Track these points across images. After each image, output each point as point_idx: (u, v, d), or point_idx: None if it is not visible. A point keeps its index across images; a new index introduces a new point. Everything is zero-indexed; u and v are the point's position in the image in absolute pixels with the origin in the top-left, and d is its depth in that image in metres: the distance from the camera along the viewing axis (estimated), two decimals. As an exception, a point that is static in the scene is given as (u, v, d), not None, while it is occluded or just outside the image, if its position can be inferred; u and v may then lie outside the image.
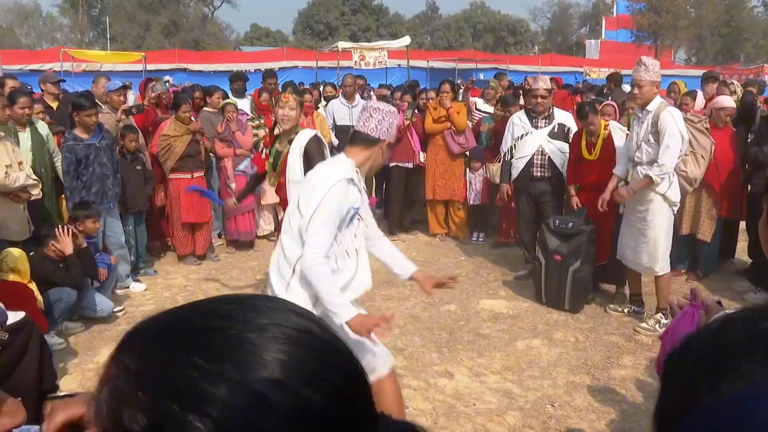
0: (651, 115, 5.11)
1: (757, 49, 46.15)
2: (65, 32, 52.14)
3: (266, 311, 0.66)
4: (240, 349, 0.61)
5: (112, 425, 0.61)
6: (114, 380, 0.63)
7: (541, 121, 6.54)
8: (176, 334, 0.65)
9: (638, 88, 5.12)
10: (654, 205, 5.27)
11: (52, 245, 5.18)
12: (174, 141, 7.05)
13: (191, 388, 0.58)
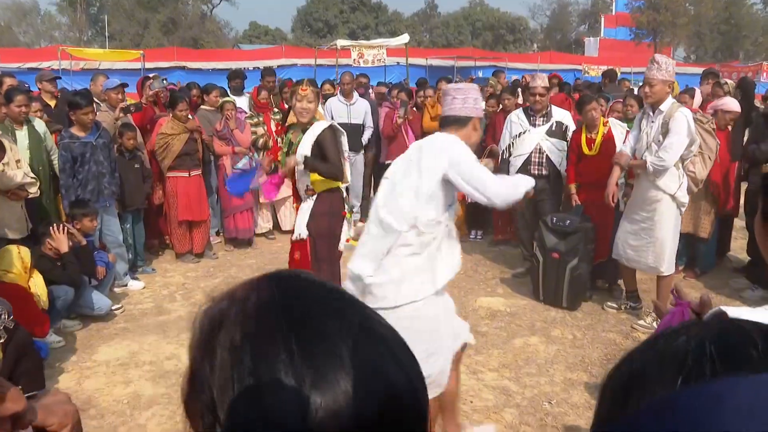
0: (663, 116, 5.06)
1: (756, 46, 46.15)
2: (63, 30, 52.11)
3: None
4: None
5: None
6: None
7: (539, 119, 6.54)
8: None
9: (650, 87, 5.05)
10: (662, 206, 5.23)
11: (48, 243, 5.18)
12: (171, 139, 7.05)
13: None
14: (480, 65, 30.13)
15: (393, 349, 0.65)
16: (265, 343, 0.61)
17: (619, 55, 35.58)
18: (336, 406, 0.58)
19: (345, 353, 0.61)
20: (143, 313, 5.90)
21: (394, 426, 0.61)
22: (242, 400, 0.60)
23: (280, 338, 0.61)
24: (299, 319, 0.63)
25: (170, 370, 4.74)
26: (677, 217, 5.33)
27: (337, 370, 0.59)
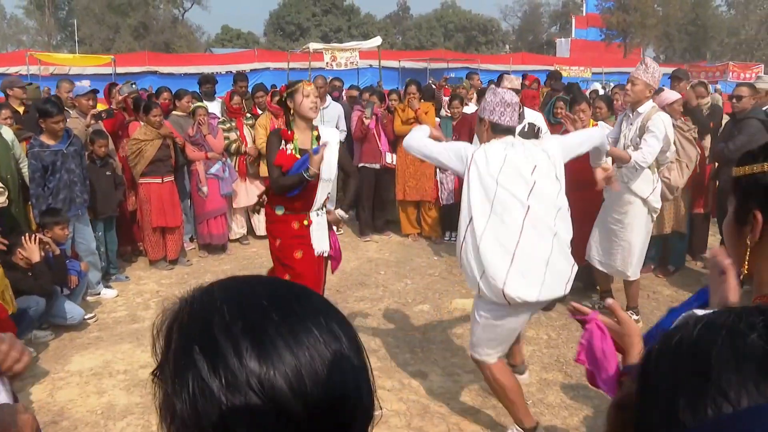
0: (641, 118, 5.09)
1: (723, 46, 46.89)
2: (31, 34, 51.32)
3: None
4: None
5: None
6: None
7: None
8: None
9: (631, 85, 5.09)
10: (634, 209, 5.27)
11: (20, 253, 5.11)
12: (144, 145, 6.99)
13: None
14: (452, 67, 30.22)
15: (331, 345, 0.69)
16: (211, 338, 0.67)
17: (590, 56, 35.98)
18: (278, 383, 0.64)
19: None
20: (117, 322, 5.85)
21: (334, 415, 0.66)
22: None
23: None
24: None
25: (145, 378, 4.70)
26: (648, 223, 5.37)
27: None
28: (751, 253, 1.39)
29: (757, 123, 6.30)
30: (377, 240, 8.47)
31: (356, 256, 7.83)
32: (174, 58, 29.97)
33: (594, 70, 29.60)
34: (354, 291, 6.58)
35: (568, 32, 50.84)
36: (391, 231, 8.71)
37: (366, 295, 6.41)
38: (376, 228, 8.68)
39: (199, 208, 7.81)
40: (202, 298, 0.72)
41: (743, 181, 1.38)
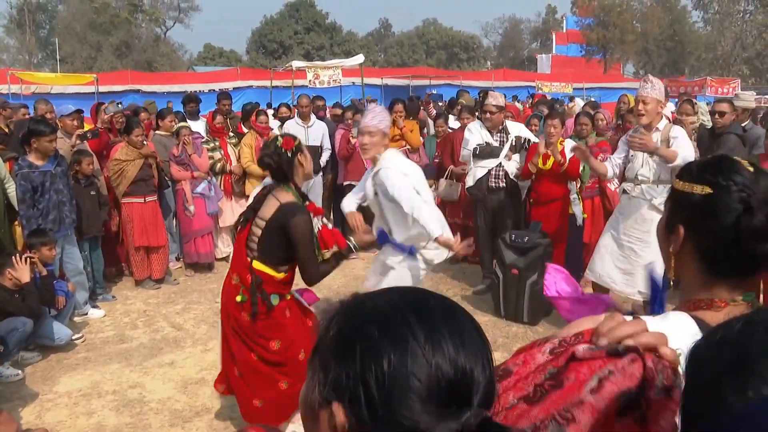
0: (659, 134, 5.04)
1: (700, 62, 47.53)
2: (12, 53, 51.10)
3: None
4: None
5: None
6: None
7: (496, 135, 6.67)
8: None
9: (644, 104, 5.00)
10: (651, 224, 5.02)
11: (9, 273, 5.10)
12: (126, 165, 7.01)
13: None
14: (435, 83, 30.43)
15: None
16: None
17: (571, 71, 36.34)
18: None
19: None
20: (104, 342, 5.83)
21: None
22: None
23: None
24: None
25: (134, 398, 4.70)
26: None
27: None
28: (676, 259, 1.48)
29: (735, 138, 6.41)
30: (363, 257, 8.50)
31: (342, 273, 7.86)
32: (157, 77, 29.94)
33: (575, 85, 29.90)
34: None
35: (548, 48, 51.41)
36: (377, 249, 8.73)
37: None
38: (362, 245, 8.73)
39: (186, 227, 7.82)
40: (376, 300, 0.90)
41: (676, 194, 1.47)
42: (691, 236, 1.43)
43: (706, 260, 1.42)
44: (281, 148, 3.58)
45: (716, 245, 1.39)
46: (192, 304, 6.79)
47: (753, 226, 1.32)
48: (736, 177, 1.36)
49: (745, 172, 1.36)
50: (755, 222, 1.32)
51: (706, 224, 1.40)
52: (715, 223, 1.37)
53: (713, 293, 1.40)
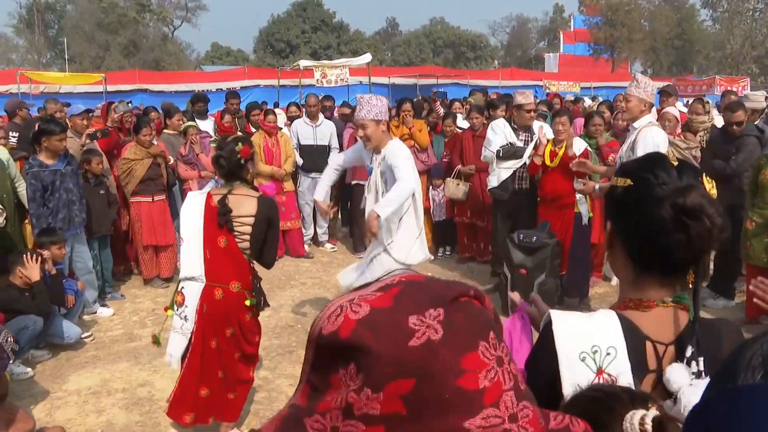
0: (636, 132, 5.13)
1: (708, 60, 47.37)
2: (21, 53, 51.32)
3: None
4: None
5: None
6: None
7: (522, 135, 6.66)
8: None
9: (626, 102, 5.15)
10: None
11: (20, 272, 5.13)
12: (134, 164, 7.04)
13: None
14: (442, 83, 30.41)
15: None
16: None
17: (578, 70, 36.28)
18: None
19: None
20: (114, 341, 5.86)
21: None
22: None
23: None
24: None
25: (143, 397, 4.73)
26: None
27: None
28: (610, 256, 1.50)
29: (754, 139, 6.37)
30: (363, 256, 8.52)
31: (350, 272, 7.88)
32: (164, 76, 30.02)
33: (583, 84, 29.83)
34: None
35: (556, 47, 51.27)
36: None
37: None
38: (370, 244, 8.73)
39: (194, 226, 7.83)
40: None
41: (608, 190, 1.49)
42: (617, 231, 1.44)
43: (631, 256, 1.42)
44: (238, 154, 3.74)
45: (637, 240, 1.39)
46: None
47: (661, 218, 1.31)
48: (658, 171, 1.35)
49: (669, 167, 1.36)
50: (663, 214, 1.31)
51: (627, 218, 1.40)
52: (634, 216, 1.37)
53: (643, 292, 1.40)
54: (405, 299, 0.75)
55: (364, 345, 0.72)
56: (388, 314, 0.74)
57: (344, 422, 0.72)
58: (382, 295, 0.76)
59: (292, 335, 5.91)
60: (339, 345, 0.74)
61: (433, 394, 0.71)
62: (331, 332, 0.74)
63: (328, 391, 0.75)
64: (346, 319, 0.74)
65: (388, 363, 0.71)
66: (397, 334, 0.72)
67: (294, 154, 8.28)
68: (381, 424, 0.71)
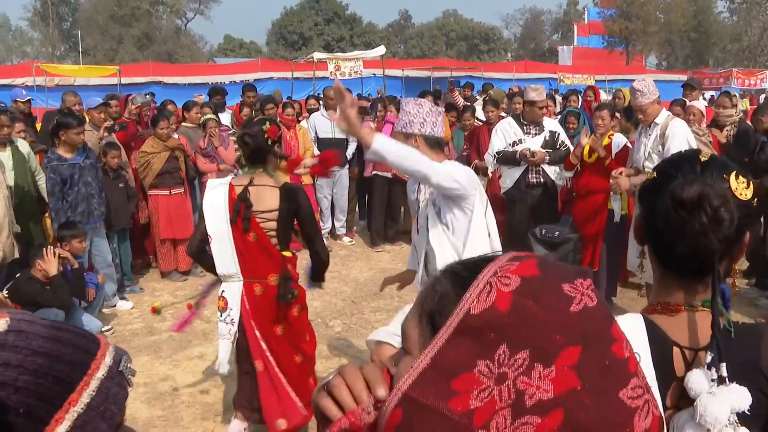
0: (659, 128, 5.21)
1: (725, 53, 46.93)
2: (36, 46, 51.64)
3: None
4: None
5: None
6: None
7: (532, 129, 6.56)
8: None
9: (642, 113, 5.27)
10: None
11: (39, 265, 5.12)
12: (152, 158, 7.02)
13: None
14: (456, 75, 30.28)
15: None
16: None
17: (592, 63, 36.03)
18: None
19: None
20: (133, 334, 5.85)
21: None
22: None
23: None
24: None
25: (165, 391, 4.71)
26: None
27: None
28: (644, 256, 1.44)
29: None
30: (389, 250, 8.48)
31: (369, 266, 7.84)
32: (178, 69, 30.09)
33: (597, 77, 29.63)
34: (369, 302, 6.58)
35: (569, 40, 50.98)
36: (403, 241, 8.69)
37: (381, 305, 6.40)
38: (388, 238, 8.67)
39: (212, 220, 7.81)
40: None
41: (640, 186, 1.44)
42: (646, 230, 1.37)
43: (657, 256, 1.36)
44: (265, 133, 3.60)
45: (661, 238, 1.32)
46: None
47: (662, 210, 1.27)
48: (682, 165, 1.30)
49: (695, 162, 1.30)
50: (663, 205, 1.26)
51: (652, 214, 1.33)
52: (656, 213, 1.31)
53: (669, 295, 1.33)
54: (550, 268, 0.73)
55: (529, 313, 0.68)
56: (541, 282, 0.70)
57: (515, 423, 0.66)
58: (521, 265, 0.72)
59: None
60: (497, 321, 0.68)
61: (596, 361, 0.68)
62: (485, 310, 0.69)
63: (468, 397, 0.67)
64: (500, 293, 0.69)
65: (556, 329, 0.68)
66: (559, 299, 0.70)
67: (312, 147, 8.24)
68: (558, 407, 0.65)
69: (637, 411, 0.69)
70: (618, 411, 0.67)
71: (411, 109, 3.22)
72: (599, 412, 0.66)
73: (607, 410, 0.67)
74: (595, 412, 0.66)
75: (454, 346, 0.69)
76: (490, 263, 0.73)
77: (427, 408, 0.67)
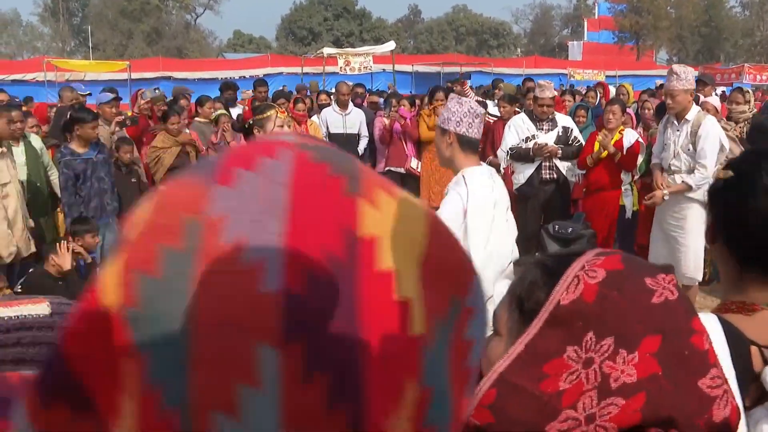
0: (690, 125, 5.01)
1: (737, 48, 46.69)
2: (46, 41, 51.86)
3: None
4: None
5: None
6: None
7: (545, 125, 6.53)
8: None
9: (671, 98, 5.00)
10: (693, 212, 5.07)
11: (53, 260, 5.13)
12: (162, 153, 7.01)
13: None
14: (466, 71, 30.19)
15: None
16: None
17: (603, 59, 35.87)
18: None
19: None
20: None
21: None
22: None
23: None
24: None
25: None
26: (703, 223, 5.26)
27: None
28: (712, 253, 1.48)
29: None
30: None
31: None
32: (188, 64, 30.16)
33: (607, 73, 29.51)
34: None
35: (580, 35, 50.74)
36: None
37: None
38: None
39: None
40: None
41: (710, 186, 1.43)
42: (720, 229, 1.36)
43: (734, 255, 1.34)
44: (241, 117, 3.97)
45: (739, 236, 1.31)
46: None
47: (758, 209, 1.24)
48: (764, 162, 1.28)
49: None
50: (761, 204, 1.24)
51: (726, 212, 1.33)
52: (734, 209, 1.30)
53: (746, 294, 1.31)
54: (634, 264, 0.78)
55: (613, 304, 0.74)
56: (625, 275, 0.76)
57: (600, 404, 0.71)
58: (607, 260, 0.78)
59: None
60: (583, 311, 0.74)
61: (676, 351, 0.73)
62: (574, 300, 0.75)
63: (558, 379, 0.73)
64: (586, 285, 0.75)
65: (638, 319, 0.73)
66: (641, 291, 0.75)
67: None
68: (640, 390, 0.71)
69: (716, 400, 0.73)
70: (698, 398, 0.72)
71: (452, 106, 3.20)
72: (679, 398, 0.71)
73: (686, 396, 0.72)
74: (675, 397, 0.71)
75: (547, 333, 0.75)
76: (579, 257, 0.79)
77: (519, 389, 0.73)
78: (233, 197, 0.40)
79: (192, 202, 0.40)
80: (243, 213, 0.40)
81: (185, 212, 0.40)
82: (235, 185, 0.41)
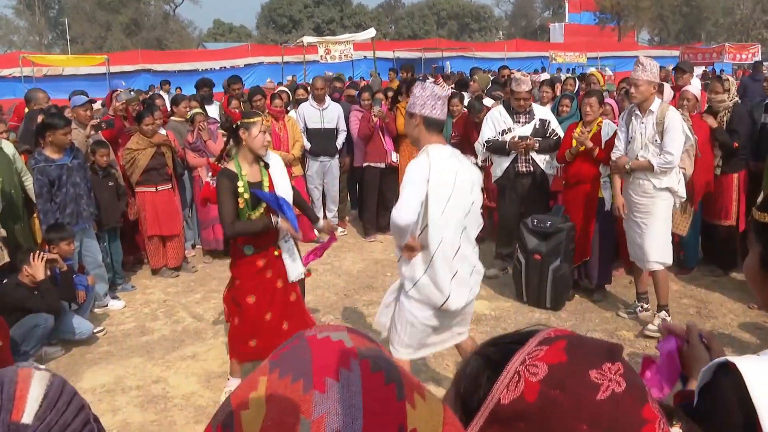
0: (654, 116, 5.13)
1: (717, 27, 46.71)
2: (22, 35, 51.01)
3: None
4: None
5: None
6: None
7: (522, 117, 6.52)
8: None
9: (635, 87, 5.11)
10: (658, 200, 5.23)
11: (26, 270, 5.08)
12: (137, 154, 6.95)
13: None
14: (447, 56, 30.13)
15: None
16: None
17: (584, 40, 35.90)
18: None
19: None
20: (126, 335, 5.82)
21: None
22: None
23: None
24: None
25: (158, 394, 4.69)
26: (670, 206, 5.31)
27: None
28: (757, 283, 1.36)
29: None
30: (382, 240, 8.45)
31: (362, 257, 7.81)
32: (167, 55, 29.84)
33: (589, 54, 29.52)
34: (362, 294, 6.56)
35: (561, 17, 50.66)
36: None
37: (374, 298, 6.37)
38: (381, 228, 8.62)
39: (204, 214, 7.76)
40: None
41: (757, 227, 1.35)
42: None
43: None
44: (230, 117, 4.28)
45: None
46: (211, 293, 6.76)
47: None
48: None
49: None
50: None
51: None
52: None
53: None
54: (578, 353, 0.76)
55: (555, 404, 0.72)
56: (568, 370, 0.74)
57: None
58: (549, 350, 0.76)
59: (306, 325, 5.85)
60: (525, 411, 0.73)
61: None
62: (515, 399, 0.74)
63: None
64: (527, 382, 0.74)
65: (583, 419, 0.71)
66: (585, 387, 0.73)
67: (302, 138, 8.17)
68: None
69: None
70: None
71: (417, 92, 3.57)
72: None
73: None
74: None
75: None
76: (521, 348, 0.78)
77: None
78: (327, 401, 0.60)
79: (300, 406, 0.60)
80: (335, 414, 0.59)
81: (299, 414, 0.60)
82: (326, 391, 0.60)
